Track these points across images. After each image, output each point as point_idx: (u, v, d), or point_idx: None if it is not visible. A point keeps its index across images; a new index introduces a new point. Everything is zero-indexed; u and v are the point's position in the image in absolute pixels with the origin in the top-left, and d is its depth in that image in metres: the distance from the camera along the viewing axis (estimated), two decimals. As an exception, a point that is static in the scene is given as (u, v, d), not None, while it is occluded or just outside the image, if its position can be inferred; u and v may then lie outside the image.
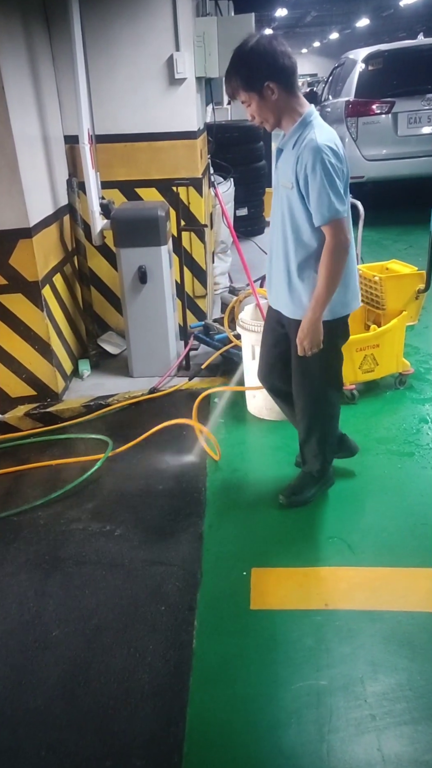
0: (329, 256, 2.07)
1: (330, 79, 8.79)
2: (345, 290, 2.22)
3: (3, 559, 2.42)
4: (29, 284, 3.25)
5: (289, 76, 2.04)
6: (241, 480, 2.81)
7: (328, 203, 1.99)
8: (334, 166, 1.98)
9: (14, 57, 3.05)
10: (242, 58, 2.02)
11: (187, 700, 1.77)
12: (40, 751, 1.67)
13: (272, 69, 2.00)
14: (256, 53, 2.00)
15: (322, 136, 2.00)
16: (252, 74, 2.00)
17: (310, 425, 2.49)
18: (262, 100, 2.04)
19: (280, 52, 2.00)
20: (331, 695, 1.76)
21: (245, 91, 2.04)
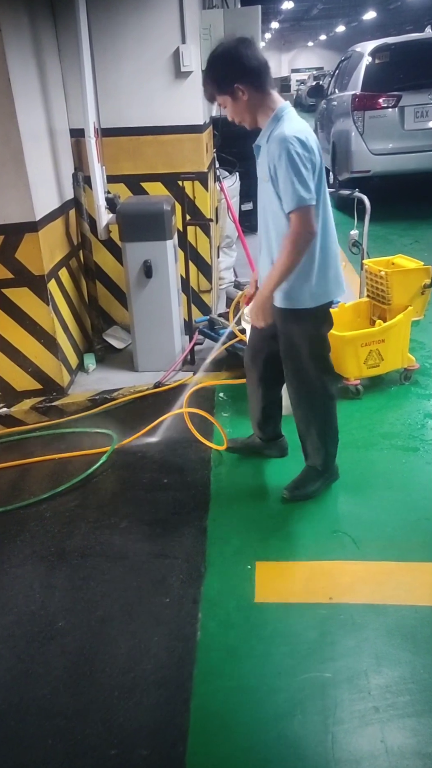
0: (289, 241, 2.13)
1: (336, 73, 8.75)
2: (325, 279, 2.28)
3: (9, 552, 2.43)
4: (35, 278, 3.26)
5: (257, 77, 2.13)
6: (245, 474, 2.82)
7: (292, 190, 2.07)
8: (300, 155, 2.05)
9: (20, 50, 3.05)
10: (212, 64, 2.16)
11: (192, 691, 1.79)
12: (47, 739, 1.69)
13: (240, 71, 2.11)
14: (223, 58, 2.14)
15: (290, 128, 2.09)
16: (221, 78, 2.14)
17: (308, 417, 2.52)
18: (235, 101, 2.16)
19: (246, 55, 2.11)
20: (336, 687, 1.77)
21: (219, 94, 2.18)
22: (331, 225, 2.29)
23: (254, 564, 2.26)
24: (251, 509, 2.57)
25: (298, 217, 2.09)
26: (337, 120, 7.63)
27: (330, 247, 2.28)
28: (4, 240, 3.16)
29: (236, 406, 3.38)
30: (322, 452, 2.57)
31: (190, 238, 3.95)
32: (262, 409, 2.72)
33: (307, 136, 2.10)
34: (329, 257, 2.28)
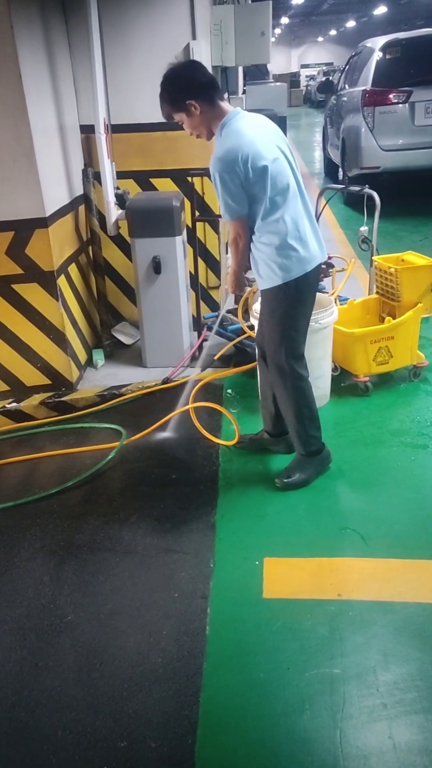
0: (230, 243, 2.47)
1: (346, 68, 8.70)
2: (287, 258, 2.39)
3: (19, 545, 2.45)
4: (45, 274, 3.28)
5: (207, 92, 2.29)
6: (253, 470, 2.82)
7: (223, 208, 2.34)
8: (222, 178, 2.26)
9: (32, 47, 3.06)
10: (164, 85, 2.33)
11: (201, 685, 1.80)
12: (57, 730, 1.71)
13: (190, 88, 2.28)
14: (175, 78, 2.31)
15: (220, 148, 2.27)
16: (175, 96, 2.31)
17: (283, 399, 2.62)
18: (189, 117, 2.33)
19: (194, 74, 2.31)
20: (344, 683, 1.77)
21: (174, 112, 2.35)
22: (288, 211, 2.35)
23: (262, 560, 2.27)
24: (259, 505, 2.58)
25: (230, 227, 2.40)
26: (347, 116, 7.59)
27: (284, 232, 2.36)
28: (15, 236, 3.17)
29: (244, 402, 3.39)
30: (302, 435, 2.63)
31: (199, 234, 3.95)
32: (275, 404, 2.74)
33: (235, 152, 2.22)
34: (284, 240, 2.36)
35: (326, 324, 3.06)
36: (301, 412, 2.60)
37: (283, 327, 2.49)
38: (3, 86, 2.88)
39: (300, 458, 2.70)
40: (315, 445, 2.68)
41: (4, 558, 2.39)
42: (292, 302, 2.47)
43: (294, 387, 2.57)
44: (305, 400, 2.60)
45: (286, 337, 2.51)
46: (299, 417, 2.60)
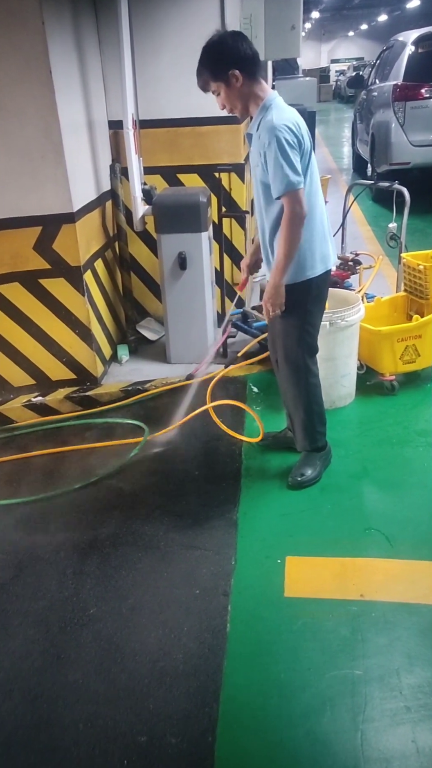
0: (285, 225, 2.25)
1: (377, 63, 8.58)
2: (311, 253, 2.36)
3: (43, 538, 2.48)
4: (71, 269, 3.30)
5: (251, 64, 2.22)
6: (276, 468, 2.80)
7: (282, 175, 2.17)
8: (288, 141, 2.16)
9: (62, 42, 3.07)
10: (208, 52, 2.23)
11: (222, 683, 1.79)
12: (78, 723, 1.72)
13: (235, 58, 2.20)
14: (219, 45, 2.22)
15: (278, 117, 2.20)
16: (217, 64, 2.21)
17: (293, 396, 2.60)
18: (228, 88, 2.24)
19: (241, 43, 2.22)
20: (367, 685, 1.75)
21: (213, 81, 2.24)
22: (317, 207, 2.37)
23: (284, 558, 2.26)
24: (282, 503, 2.56)
25: (288, 201, 2.21)
26: (377, 111, 7.49)
27: (315, 227, 2.35)
28: (42, 231, 3.19)
29: (268, 400, 3.37)
30: (311, 431, 2.63)
31: (226, 230, 3.93)
32: None
33: (296, 122, 2.21)
34: (314, 235, 2.36)
35: (353, 322, 3.02)
36: (311, 409, 2.59)
37: (303, 323, 2.46)
38: (33, 82, 2.90)
39: (307, 455, 2.69)
40: (321, 441, 2.69)
41: (27, 551, 2.41)
42: (314, 299, 2.46)
43: (307, 384, 2.55)
44: (315, 398, 2.60)
45: (305, 333, 2.48)
46: (310, 414, 2.60)
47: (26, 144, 3.02)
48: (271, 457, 2.89)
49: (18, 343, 3.43)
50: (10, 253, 3.22)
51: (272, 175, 2.20)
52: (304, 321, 2.46)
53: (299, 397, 2.58)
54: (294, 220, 2.23)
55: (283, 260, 2.29)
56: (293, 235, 2.25)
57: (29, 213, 3.15)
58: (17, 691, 1.83)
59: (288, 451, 2.87)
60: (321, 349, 3.01)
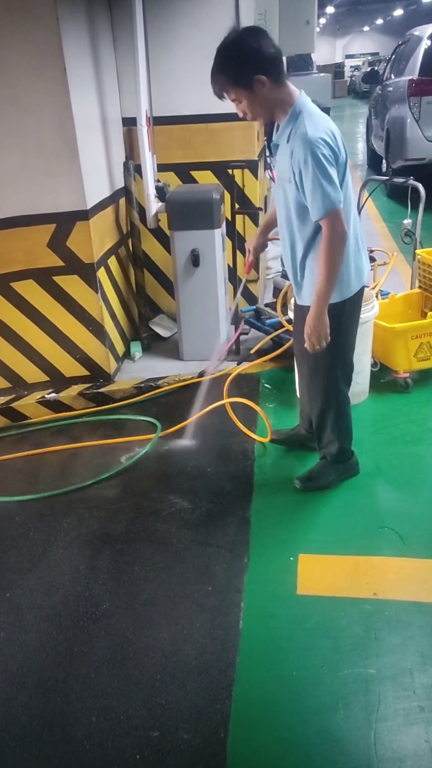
0: (327, 248, 2.06)
1: (392, 58, 8.50)
2: (347, 271, 2.21)
3: (56, 534, 2.49)
4: (85, 266, 3.31)
5: (276, 66, 1.98)
6: (288, 465, 2.80)
7: (322, 196, 1.99)
8: (326, 157, 1.97)
9: (76, 38, 3.08)
10: (227, 54, 1.96)
11: (234, 679, 1.79)
12: (91, 717, 1.73)
13: (260, 61, 1.94)
14: (240, 47, 1.95)
15: (313, 128, 1.98)
16: (240, 69, 1.95)
17: (322, 412, 2.49)
18: (252, 95, 1.99)
19: (264, 43, 1.95)
20: (380, 684, 1.74)
21: (234, 88, 1.98)
22: (353, 220, 2.21)
23: (297, 556, 2.25)
24: (295, 501, 2.56)
25: (328, 222, 2.03)
26: (392, 106, 7.42)
27: (350, 243, 2.19)
28: (56, 228, 3.21)
29: (281, 396, 3.36)
30: (336, 445, 2.55)
31: (239, 227, 3.92)
32: None
33: (332, 132, 2.02)
34: (349, 251, 2.20)
35: (367, 319, 3.00)
36: (339, 427, 2.51)
37: (340, 344, 2.30)
38: (48, 78, 2.91)
39: (324, 463, 2.62)
40: (345, 454, 2.60)
41: (41, 546, 2.43)
42: (350, 318, 2.30)
43: (337, 404, 2.46)
44: (345, 415, 2.52)
45: (342, 354, 2.36)
46: (336, 430, 2.51)
47: (41, 141, 3.03)
48: (284, 455, 2.88)
49: (32, 340, 3.45)
50: (25, 251, 3.23)
51: (310, 194, 2.00)
52: (342, 341, 2.30)
53: (331, 408, 2.46)
54: (336, 242, 2.04)
55: (326, 285, 2.10)
56: (336, 257, 2.07)
57: (43, 210, 3.16)
58: (31, 684, 1.85)
59: (302, 450, 2.86)
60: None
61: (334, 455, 2.58)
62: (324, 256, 2.07)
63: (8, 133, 3.01)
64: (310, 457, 2.82)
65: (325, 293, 2.12)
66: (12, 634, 2.03)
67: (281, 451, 2.90)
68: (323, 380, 2.41)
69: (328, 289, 2.11)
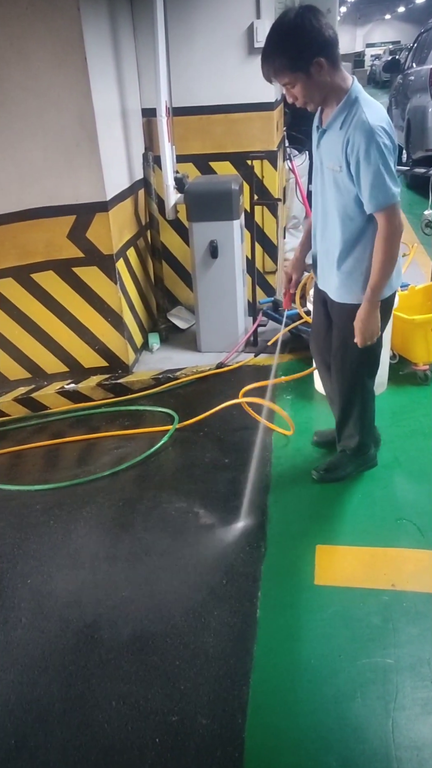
0: (384, 242, 2.00)
1: (414, 46, 8.38)
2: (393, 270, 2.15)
3: (76, 522, 2.52)
4: (104, 257, 3.32)
5: (335, 49, 1.92)
6: (307, 457, 2.80)
7: (384, 189, 1.93)
8: (387, 147, 1.91)
9: (97, 27, 3.08)
10: (288, 35, 1.87)
11: (251, 667, 1.81)
12: (111, 701, 1.76)
13: (320, 42, 1.86)
14: (301, 28, 1.85)
15: (373, 116, 1.91)
16: (300, 51, 1.87)
17: (346, 407, 2.48)
18: (309, 79, 1.91)
19: (324, 24, 1.88)
20: (398, 674, 1.75)
21: (291, 71, 1.90)
22: None
23: (314, 547, 2.26)
24: (313, 493, 2.56)
25: (386, 215, 1.97)
26: (414, 95, 7.32)
27: None
28: (76, 219, 3.23)
29: (299, 389, 3.36)
30: (356, 439, 2.54)
31: (257, 218, 3.91)
32: None
33: (389, 123, 1.96)
34: None
35: (386, 310, 2.98)
36: (362, 422, 2.50)
37: (372, 346, 2.24)
38: (69, 68, 2.92)
39: (344, 456, 2.62)
40: (365, 449, 2.60)
41: (61, 534, 2.47)
42: (385, 318, 2.24)
43: (362, 399, 2.45)
44: (369, 411, 2.51)
45: (373, 355, 2.34)
46: (358, 425, 2.50)
47: (62, 132, 3.04)
48: (302, 447, 2.88)
49: (52, 331, 3.48)
50: (45, 242, 3.26)
51: (369, 185, 1.93)
52: (374, 343, 2.23)
53: (357, 403, 2.45)
54: (394, 237, 2.00)
55: (382, 280, 2.05)
56: (393, 252, 2.02)
57: (64, 202, 3.18)
58: (52, 669, 1.88)
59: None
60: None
61: (353, 449, 2.58)
62: (381, 250, 2.02)
63: (30, 124, 3.03)
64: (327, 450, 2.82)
65: (379, 288, 2.07)
66: (34, 620, 2.07)
67: (299, 443, 2.90)
68: (351, 375, 2.39)
69: (383, 284, 2.07)
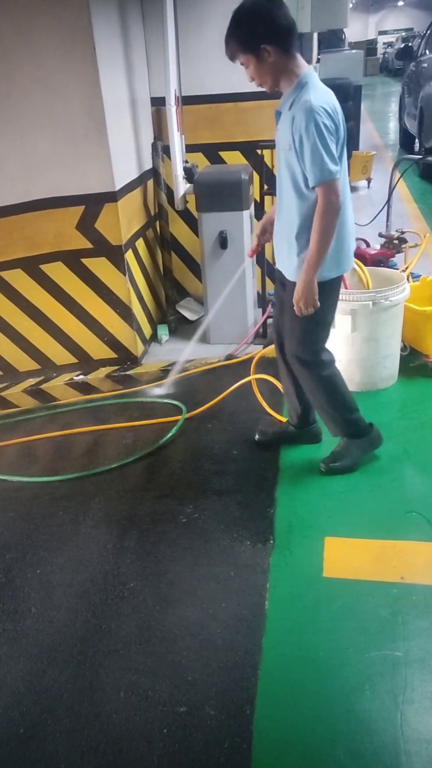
0: (320, 217, 2.09)
1: (428, 33, 8.25)
2: (339, 251, 2.24)
3: (85, 513, 2.53)
4: (113, 248, 3.31)
5: (286, 38, 2.03)
6: (316, 449, 2.78)
7: (321, 164, 2.02)
8: (327, 127, 2.01)
9: (106, 15, 3.05)
10: (239, 21, 2.03)
11: (260, 659, 1.81)
12: (119, 691, 1.76)
13: (269, 31, 2.00)
14: (253, 15, 2.02)
15: (317, 98, 2.02)
16: (249, 37, 2.01)
17: (311, 391, 2.50)
18: (259, 62, 2.05)
19: (276, 14, 2.01)
20: (407, 667, 1.74)
21: (243, 54, 2.05)
22: (348, 199, 2.23)
23: (323, 539, 2.25)
24: (321, 484, 2.55)
25: (324, 190, 2.06)
26: (427, 83, 7.22)
27: (347, 221, 2.24)
28: (85, 210, 3.22)
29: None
30: (339, 421, 2.53)
31: (267, 208, 3.87)
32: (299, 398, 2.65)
33: (334, 107, 2.06)
34: (346, 231, 2.24)
35: (397, 301, 2.95)
36: (334, 399, 2.49)
37: (320, 322, 2.34)
38: (77, 58, 2.90)
39: (344, 442, 2.60)
40: (356, 427, 2.57)
41: (70, 525, 2.47)
42: (334, 297, 2.37)
43: (321, 377, 2.45)
44: (335, 386, 2.49)
45: (322, 332, 2.39)
46: (332, 404, 2.50)
47: (70, 121, 3.03)
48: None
49: (61, 322, 3.49)
50: (54, 233, 3.25)
51: (309, 161, 2.04)
52: (322, 320, 2.35)
53: (317, 390, 2.48)
54: (330, 212, 2.08)
55: (317, 255, 2.13)
56: (329, 227, 2.10)
57: (72, 192, 3.18)
58: (61, 659, 1.89)
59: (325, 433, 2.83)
60: (363, 329, 2.97)
61: (346, 431, 2.56)
62: (317, 224, 2.11)
63: (38, 114, 3.02)
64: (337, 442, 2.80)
65: (316, 261, 2.15)
66: (43, 609, 2.08)
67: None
68: (304, 361, 2.42)
69: (320, 258, 2.15)
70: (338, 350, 3.07)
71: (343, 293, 2.96)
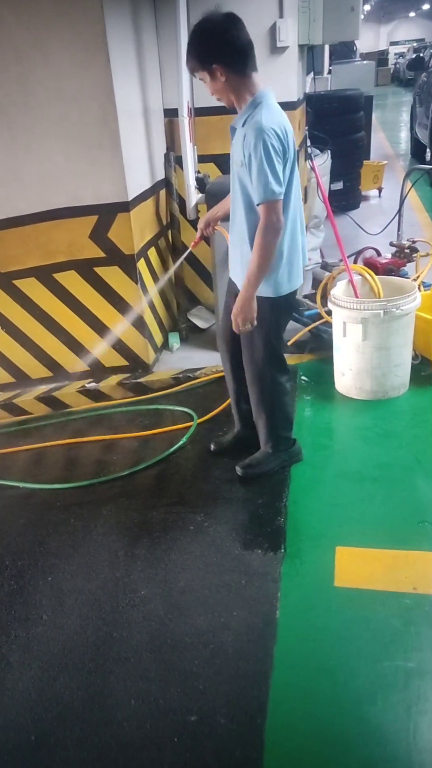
0: (260, 235, 2.12)
1: (437, 44, 8.27)
2: (290, 268, 2.28)
3: (96, 521, 2.54)
4: (125, 257, 3.34)
5: (237, 60, 2.06)
6: (327, 458, 2.78)
7: (265, 183, 2.06)
8: (275, 148, 2.04)
9: (120, 26, 3.09)
10: (194, 37, 2.09)
11: (271, 667, 1.80)
12: (130, 699, 1.76)
13: (219, 52, 2.04)
14: (206, 34, 2.06)
15: (268, 119, 2.06)
16: (204, 55, 2.07)
17: (257, 402, 2.53)
18: (213, 80, 2.11)
19: (231, 34, 2.03)
20: (420, 678, 1.72)
21: (198, 71, 2.12)
22: (299, 217, 2.27)
23: (335, 548, 2.24)
24: (332, 493, 2.54)
25: (265, 210, 2.09)
26: (438, 94, 7.23)
27: (297, 239, 2.28)
28: (98, 220, 3.25)
29: (319, 389, 3.33)
30: (273, 436, 2.58)
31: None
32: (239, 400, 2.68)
33: (284, 129, 2.10)
34: (295, 248, 2.28)
35: (408, 310, 2.95)
36: (274, 416, 2.54)
37: (269, 337, 2.37)
38: (92, 68, 2.93)
39: (266, 453, 2.64)
40: (284, 446, 2.63)
41: (82, 532, 2.48)
42: (283, 314, 2.40)
43: (272, 391, 2.48)
44: (280, 404, 2.53)
45: (271, 346, 2.40)
46: (272, 420, 2.54)
47: (84, 131, 3.07)
48: (322, 447, 2.86)
49: (73, 330, 3.51)
50: (67, 242, 3.29)
51: (254, 179, 2.08)
52: (272, 335, 2.37)
53: (262, 402, 2.51)
54: (270, 231, 2.11)
55: (257, 272, 2.16)
56: (269, 246, 2.13)
57: (86, 202, 3.21)
58: (72, 666, 1.90)
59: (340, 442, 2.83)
60: (375, 338, 2.97)
61: (273, 444, 2.61)
62: (257, 243, 2.14)
63: (53, 124, 3.05)
64: (350, 449, 2.80)
65: (256, 278, 2.18)
66: (54, 617, 2.09)
67: (319, 444, 2.88)
68: (258, 369, 2.44)
69: (259, 275, 2.18)
70: (349, 359, 3.08)
71: (355, 302, 2.97)
